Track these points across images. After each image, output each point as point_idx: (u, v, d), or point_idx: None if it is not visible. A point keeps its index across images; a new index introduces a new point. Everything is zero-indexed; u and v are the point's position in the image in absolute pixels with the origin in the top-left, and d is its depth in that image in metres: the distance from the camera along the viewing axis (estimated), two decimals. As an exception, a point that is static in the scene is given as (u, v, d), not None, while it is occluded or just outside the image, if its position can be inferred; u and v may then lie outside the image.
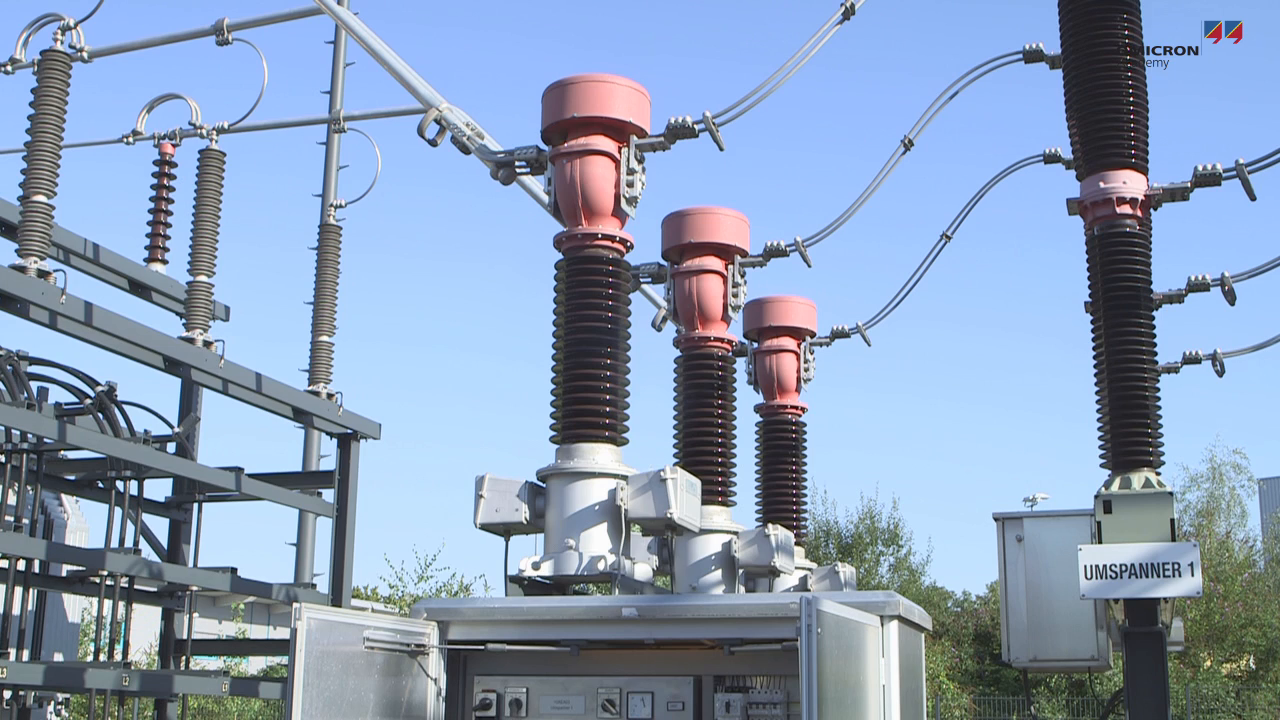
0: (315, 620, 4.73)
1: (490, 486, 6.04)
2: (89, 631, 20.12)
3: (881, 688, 4.90)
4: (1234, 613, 34.91)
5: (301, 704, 4.62)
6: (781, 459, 9.69)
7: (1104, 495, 8.26)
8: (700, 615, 5.16)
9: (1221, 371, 10.23)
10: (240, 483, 12.39)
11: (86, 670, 11.30)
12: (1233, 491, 40.59)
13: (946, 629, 36.36)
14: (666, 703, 5.23)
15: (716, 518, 7.97)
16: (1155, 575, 7.87)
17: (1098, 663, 9.00)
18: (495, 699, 5.42)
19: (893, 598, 4.99)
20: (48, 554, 11.82)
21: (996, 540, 9.07)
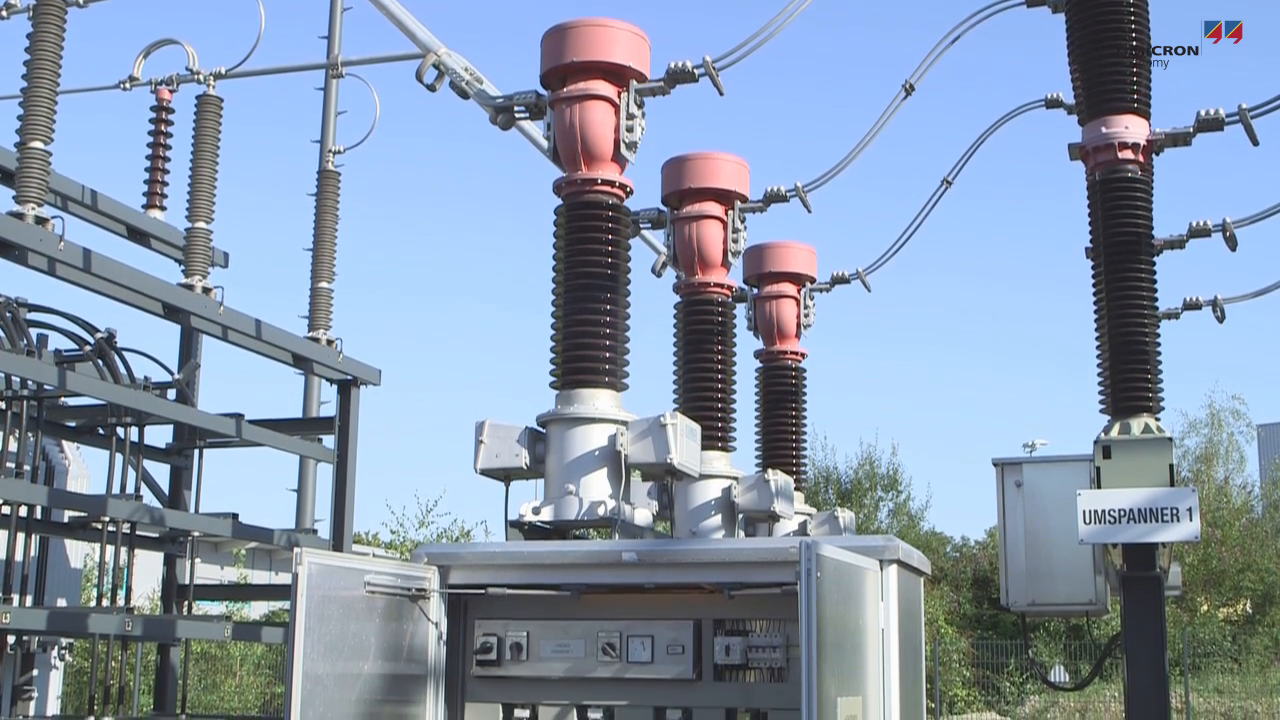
0: (316, 565, 4.75)
1: (490, 432, 6.05)
2: (91, 577, 20.20)
3: (881, 631, 4.93)
4: (1231, 558, 35.08)
5: (303, 648, 4.65)
6: (781, 404, 9.69)
7: (1103, 441, 8.27)
8: (700, 560, 5.18)
9: (1222, 317, 10.21)
10: (241, 429, 12.41)
11: (90, 615, 11.37)
12: (1231, 438, 40.67)
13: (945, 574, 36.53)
14: (666, 646, 5.25)
15: (716, 463, 7.98)
16: (1153, 520, 7.90)
17: (1095, 607, 9.04)
18: (496, 642, 5.44)
19: (892, 542, 5.01)
20: (49, 500, 11.85)
21: (995, 486, 9.09)
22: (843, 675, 4.44)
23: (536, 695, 5.43)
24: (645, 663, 5.26)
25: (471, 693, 5.50)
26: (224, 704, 28.16)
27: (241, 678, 30.03)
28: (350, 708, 4.91)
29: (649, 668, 5.25)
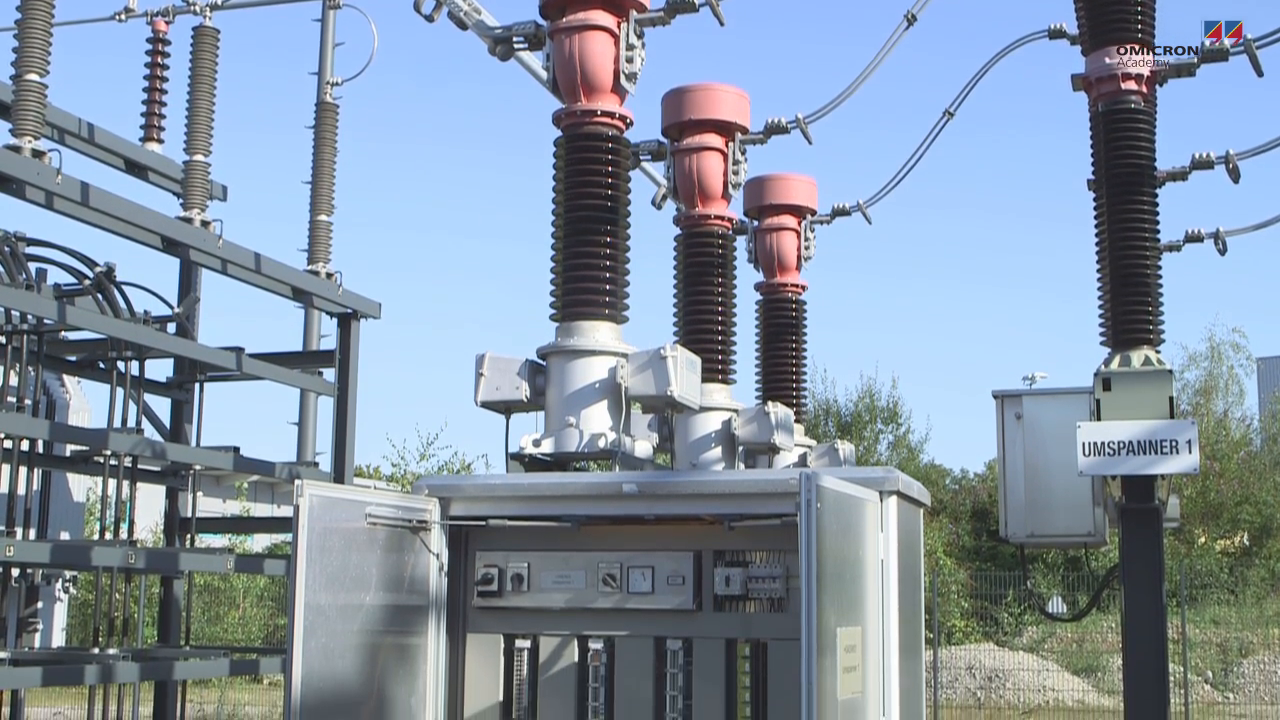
0: (317, 497, 4.76)
1: (490, 365, 6.04)
2: (94, 511, 20.29)
3: (880, 563, 4.95)
4: (1229, 490, 35.21)
5: (305, 579, 4.67)
6: (781, 337, 9.69)
7: (1103, 373, 8.27)
8: (700, 491, 5.19)
9: (1224, 250, 10.18)
10: (241, 362, 12.41)
11: (93, 548, 11.42)
12: (1231, 370, 40.71)
13: (944, 506, 36.69)
14: (666, 577, 5.27)
15: (716, 395, 7.98)
16: (1153, 452, 7.91)
17: (1094, 539, 9.08)
18: (497, 573, 5.47)
19: (892, 473, 5.02)
20: (51, 434, 11.87)
21: (995, 418, 9.10)
22: (842, 606, 4.46)
23: (537, 626, 5.46)
24: (646, 593, 5.28)
25: (473, 623, 5.53)
26: (227, 635, 28.41)
27: (245, 609, 30.28)
28: (352, 638, 4.94)
29: (649, 598, 5.28)
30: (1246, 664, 25.41)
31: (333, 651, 4.82)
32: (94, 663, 11.21)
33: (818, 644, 4.11)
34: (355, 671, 4.95)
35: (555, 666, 5.41)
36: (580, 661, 5.40)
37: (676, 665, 5.25)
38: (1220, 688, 25.02)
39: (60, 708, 22.55)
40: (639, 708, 5.26)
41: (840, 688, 4.38)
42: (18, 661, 11.56)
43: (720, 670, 5.20)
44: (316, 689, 4.71)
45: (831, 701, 4.26)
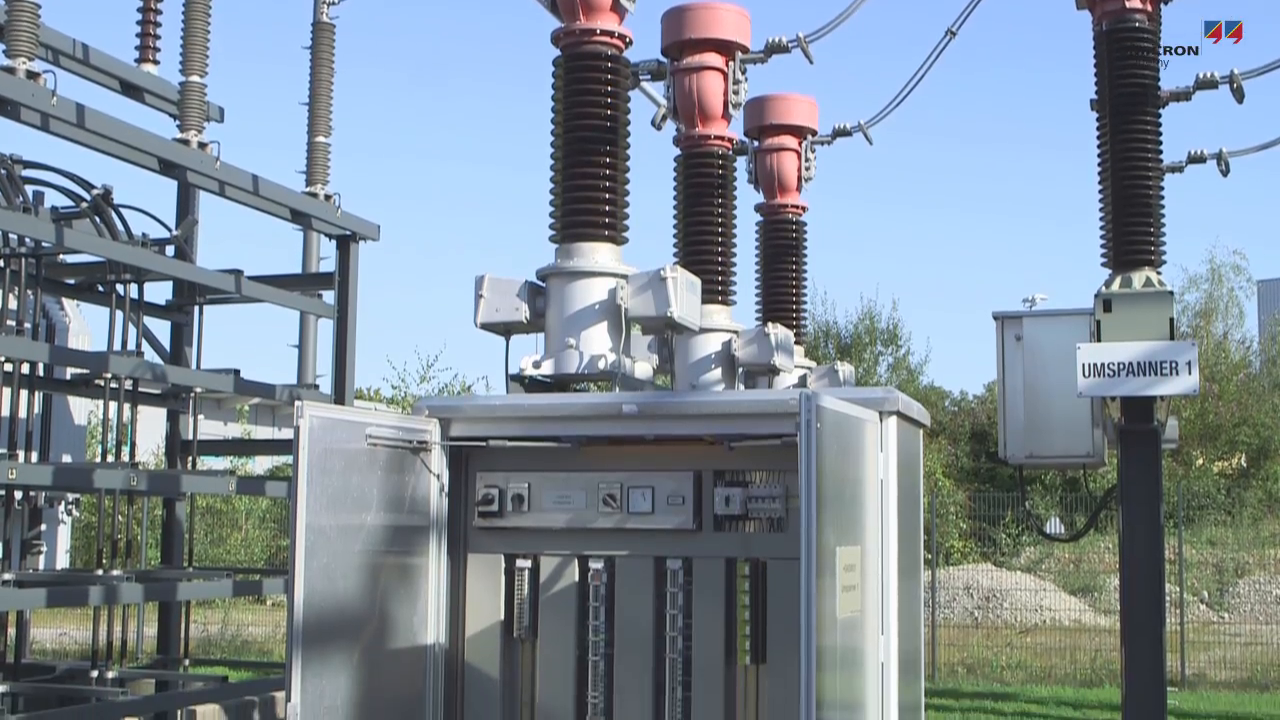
0: (318, 418, 4.76)
1: (490, 286, 6.03)
2: (95, 434, 20.35)
3: (880, 483, 4.96)
4: (1228, 412, 35.30)
5: (306, 500, 4.68)
6: (781, 258, 9.67)
7: (1104, 294, 8.26)
8: (700, 411, 5.20)
9: (1226, 171, 10.12)
10: (240, 285, 12.38)
11: (95, 471, 11.46)
12: (1231, 293, 40.66)
13: (943, 428, 36.79)
14: (667, 497, 5.29)
15: (716, 317, 7.98)
16: (1152, 374, 7.92)
17: (1092, 459, 9.11)
18: (497, 494, 5.49)
19: (891, 394, 5.02)
20: (51, 357, 11.87)
21: (995, 339, 9.10)
22: (841, 525, 4.48)
23: (538, 546, 5.49)
24: (646, 513, 5.30)
25: (474, 543, 5.56)
26: (230, 557, 28.60)
27: (247, 531, 30.46)
28: (354, 558, 4.96)
29: (649, 518, 5.29)
30: (1242, 584, 25.60)
31: (334, 572, 4.85)
32: (98, 584, 11.28)
33: (817, 563, 4.13)
34: (357, 591, 4.98)
35: (556, 586, 5.44)
36: (581, 581, 5.43)
37: (676, 584, 5.28)
38: (1216, 608, 25.22)
39: (65, 629, 22.73)
40: (639, 627, 5.30)
41: (839, 606, 4.41)
42: (22, 583, 11.64)
43: (720, 589, 5.23)
44: (318, 609, 4.74)
45: (830, 620, 4.29)
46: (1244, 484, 32.61)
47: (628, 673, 5.29)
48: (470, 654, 5.50)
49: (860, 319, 39.08)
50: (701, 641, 5.23)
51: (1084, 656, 20.20)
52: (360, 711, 4.90)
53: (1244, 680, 18.83)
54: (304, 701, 4.62)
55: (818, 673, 4.08)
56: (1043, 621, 23.50)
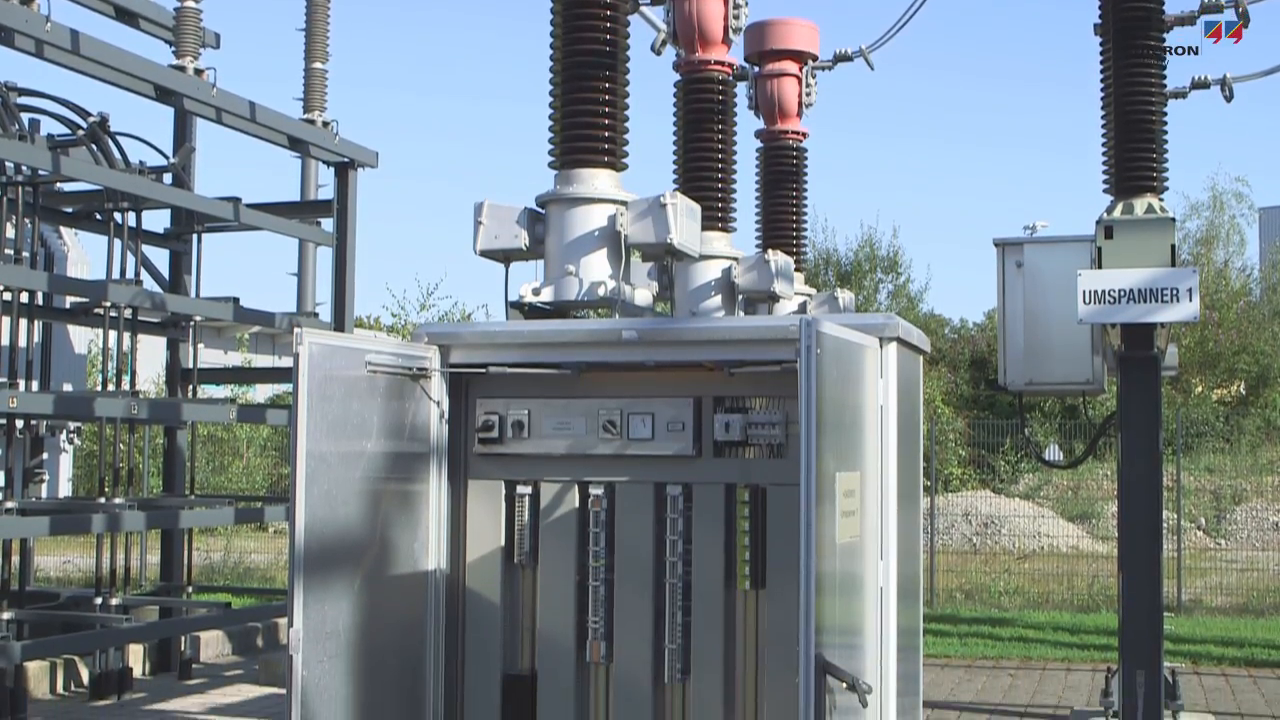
0: (317, 345, 4.76)
1: (489, 213, 6.00)
2: (95, 363, 20.37)
3: (880, 409, 4.96)
4: (1228, 340, 35.30)
5: (306, 427, 4.69)
6: (781, 185, 9.62)
7: (1106, 220, 8.22)
8: (700, 338, 5.19)
9: (1230, 97, 10.04)
10: (238, 212, 12.35)
11: (95, 399, 11.48)
12: (1232, 220, 40.50)
13: (943, 355, 36.82)
14: (666, 423, 5.29)
15: (716, 243, 7.95)
16: (1153, 300, 7.89)
17: (1092, 386, 9.12)
18: (497, 420, 5.49)
19: (892, 320, 5.01)
20: (50, 286, 11.86)
21: (996, 266, 9.07)
22: (841, 451, 4.48)
23: (538, 472, 5.50)
24: (646, 439, 5.31)
25: (474, 470, 5.57)
26: (232, 484, 28.72)
27: (248, 459, 30.58)
28: (355, 485, 4.98)
29: (649, 444, 5.30)
30: (1239, 511, 25.73)
31: (335, 498, 4.86)
32: (101, 512, 11.34)
33: (816, 489, 4.14)
34: (358, 518, 4.99)
35: (556, 512, 5.46)
36: (581, 507, 5.45)
37: (676, 510, 5.29)
38: (1213, 534, 25.37)
39: (69, 556, 22.87)
40: (639, 552, 5.32)
41: (839, 532, 4.42)
42: (25, 511, 11.70)
43: (719, 515, 5.24)
44: (320, 535, 4.76)
45: (830, 545, 4.31)
46: (1242, 412, 32.67)
47: (628, 598, 5.32)
48: (471, 580, 5.53)
49: (860, 246, 38.99)
50: (701, 567, 5.25)
51: (1081, 582, 20.33)
52: (362, 636, 4.94)
53: (1240, 606, 18.97)
54: (306, 626, 4.65)
55: (817, 597, 4.10)
56: (1040, 548, 23.65)
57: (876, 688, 4.70)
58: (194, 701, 11.92)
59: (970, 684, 13.10)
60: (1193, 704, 11.56)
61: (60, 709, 11.45)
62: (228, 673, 13.38)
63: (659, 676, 5.26)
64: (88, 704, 11.66)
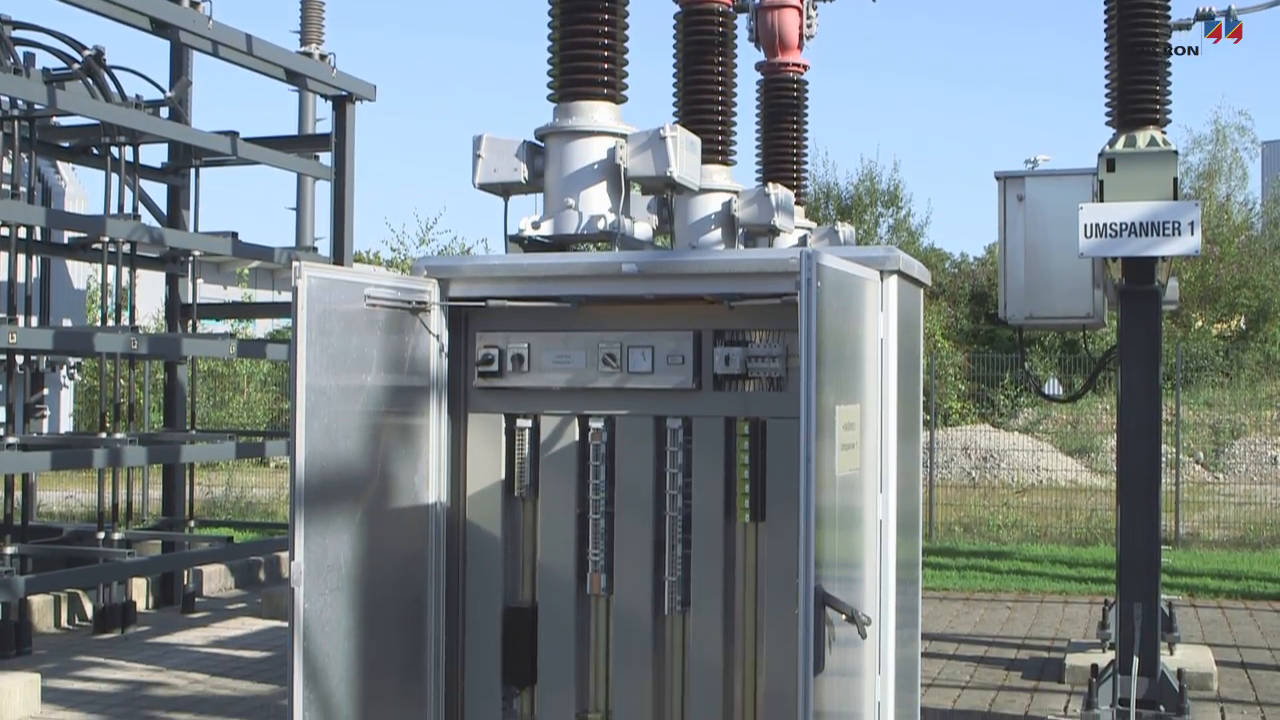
0: (316, 278, 4.74)
1: (488, 146, 5.96)
2: (95, 298, 20.35)
3: (880, 342, 4.96)
4: (1228, 274, 35.26)
5: (306, 360, 4.68)
6: (782, 118, 9.56)
7: (1107, 153, 8.18)
8: (700, 270, 5.17)
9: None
10: (236, 146, 12.30)
11: (95, 334, 11.48)
12: (1234, 154, 40.35)
13: (943, 289, 36.80)
14: (666, 356, 5.29)
15: (716, 177, 7.91)
16: (1155, 234, 7.87)
17: (1092, 320, 9.11)
18: (497, 354, 5.48)
19: (893, 253, 4.99)
20: (48, 221, 11.83)
21: (997, 199, 9.04)
22: (841, 384, 4.48)
23: (538, 405, 5.50)
24: (645, 373, 5.30)
25: (474, 403, 5.57)
26: (233, 420, 28.78)
27: (249, 394, 30.62)
28: (355, 419, 4.98)
29: (649, 378, 5.30)
30: (1238, 445, 25.80)
31: (336, 432, 4.87)
32: (102, 447, 11.37)
33: (816, 422, 4.14)
34: (359, 452, 5.00)
35: (556, 445, 5.47)
36: (581, 440, 5.46)
37: (676, 443, 5.30)
38: (1211, 468, 25.45)
39: (71, 491, 22.97)
40: (639, 485, 5.33)
41: (838, 464, 4.43)
42: (27, 446, 11.73)
43: (719, 448, 5.25)
44: (320, 469, 4.77)
45: (830, 478, 4.32)
46: (1242, 346, 32.69)
47: (628, 530, 5.34)
48: (471, 513, 5.55)
49: (861, 180, 38.89)
50: (701, 499, 5.27)
51: (1080, 516, 20.43)
52: (363, 569, 4.96)
53: (1237, 539, 19.07)
54: (308, 560, 4.67)
55: (817, 530, 4.11)
56: (1039, 481, 23.74)
57: (875, 619, 4.73)
58: (197, 634, 12.01)
59: (968, 616, 13.19)
60: (1189, 636, 11.65)
61: (65, 642, 11.54)
62: (230, 606, 13.47)
63: (659, 608, 5.29)
64: (92, 637, 11.75)
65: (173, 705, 9.45)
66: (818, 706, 4.04)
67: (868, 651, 4.68)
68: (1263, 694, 9.95)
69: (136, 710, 9.28)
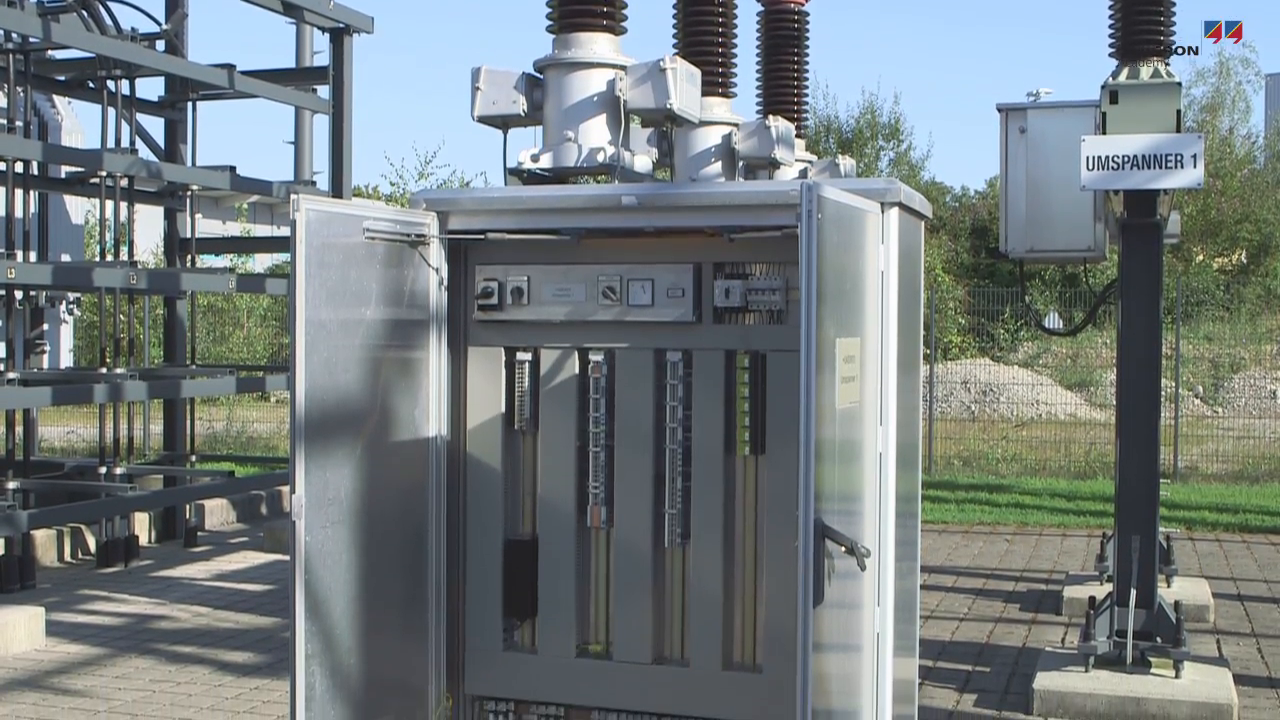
0: (314, 211, 4.71)
1: (486, 79, 5.91)
2: (94, 233, 20.30)
3: (880, 274, 4.94)
4: (1230, 208, 35.18)
5: (305, 294, 4.66)
6: (783, 50, 9.47)
7: (1110, 85, 8.11)
8: (700, 203, 5.14)
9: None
10: (233, 80, 12.22)
11: (94, 269, 11.46)
12: (1238, 87, 40.12)
13: (944, 223, 36.74)
14: (666, 289, 5.26)
15: (717, 109, 7.85)
16: (1157, 167, 7.82)
17: (1093, 254, 9.09)
18: (496, 287, 5.46)
19: (894, 184, 4.96)
20: (44, 155, 11.78)
21: (999, 132, 8.98)
22: (841, 317, 4.47)
23: (538, 339, 5.48)
24: (645, 306, 5.28)
25: (474, 337, 5.56)
26: (233, 354, 28.82)
27: (249, 329, 30.64)
28: (354, 352, 4.97)
29: (649, 310, 5.27)
30: (1237, 379, 25.84)
31: (336, 365, 4.86)
32: (103, 382, 11.38)
33: (816, 355, 4.13)
34: (359, 385, 5.00)
35: (556, 379, 5.46)
36: (581, 373, 5.45)
37: (676, 376, 5.29)
38: (1210, 402, 25.50)
39: (72, 426, 23.02)
40: (639, 418, 5.33)
41: (838, 397, 4.43)
42: (27, 381, 11.74)
43: (719, 381, 5.24)
44: (320, 402, 4.77)
45: (829, 411, 4.32)
46: (1243, 280, 32.67)
47: (628, 464, 5.34)
48: (472, 446, 5.55)
49: (862, 113, 38.69)
50: (701, 433, 5.26)
51: (1078, 450, 20.49)
52: (364, 502, 4.97)
53: (1235, 473, 19.14)
54: (308, 493, 4.68)
55: (816, 463, 4.11)
56: (1038, 415, 23.79)
57: (875, 552, 4.74)
58: (200, 568, 12.08)
59: (967, 549, 13.26)
60: (1186, 569, 11.72)
61: (68, 576, 11.61)
62: (232, 540, 13.53)
63: (659, 540, 5.30)
64: (95, 571, 11.82)
65: (176, 638, 9.52)
66: (817, 638, 4.06)
67: (867, 583, 4.70)
68: (1258, 626, 10.03)
69: (140, 643, 9.35)
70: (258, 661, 8.89)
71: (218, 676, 8.54)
